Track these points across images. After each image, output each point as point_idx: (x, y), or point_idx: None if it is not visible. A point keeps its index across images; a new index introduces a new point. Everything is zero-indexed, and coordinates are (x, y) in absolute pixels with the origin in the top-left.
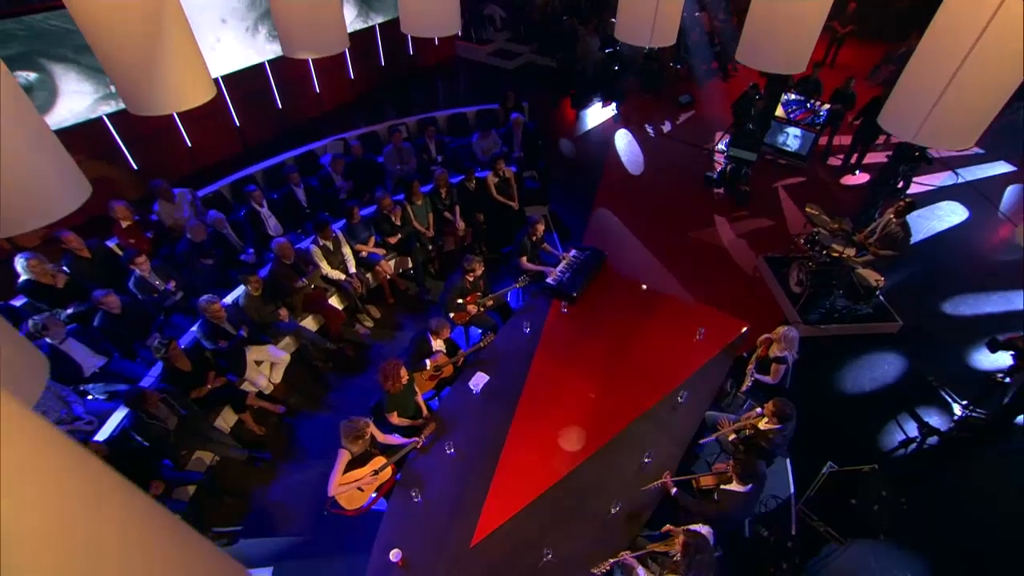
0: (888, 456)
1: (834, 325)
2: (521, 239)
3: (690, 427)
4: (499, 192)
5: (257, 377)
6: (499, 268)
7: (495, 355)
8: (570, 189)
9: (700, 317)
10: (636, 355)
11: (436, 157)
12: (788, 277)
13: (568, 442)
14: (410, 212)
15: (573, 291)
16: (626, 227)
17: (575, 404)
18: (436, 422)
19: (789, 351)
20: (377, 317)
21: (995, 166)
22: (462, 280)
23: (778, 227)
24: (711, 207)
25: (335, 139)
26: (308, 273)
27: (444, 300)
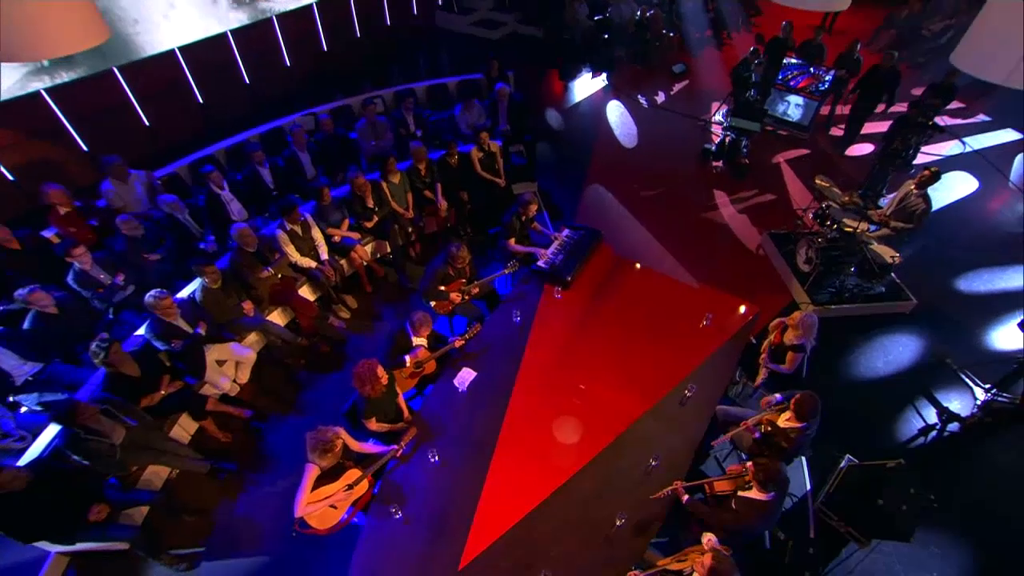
0: (906, 446)
1: (845, 305)
2: (509, 219)
3: (700, 424)
4: (484, 168)
5: (219, 379)
6: (485, 251)
7: (482, 348)
8: (560, 164)
9: (706, 301)
10: (638, 344)
11: (415, 131)
12: (795, 255)
13: (566, 445)
14: (386, 191)
15: (567, 275)
16: (621, 204)
17: (572, 401)
18: (418, 426)
19: (807, 338)
20: (354, 308)
21: (1002, 133)
22: (444, 267)
23: (781, 202)
24: (710, 181)
25: (304, 114)
26: (274, 262)
27: (425, 288)
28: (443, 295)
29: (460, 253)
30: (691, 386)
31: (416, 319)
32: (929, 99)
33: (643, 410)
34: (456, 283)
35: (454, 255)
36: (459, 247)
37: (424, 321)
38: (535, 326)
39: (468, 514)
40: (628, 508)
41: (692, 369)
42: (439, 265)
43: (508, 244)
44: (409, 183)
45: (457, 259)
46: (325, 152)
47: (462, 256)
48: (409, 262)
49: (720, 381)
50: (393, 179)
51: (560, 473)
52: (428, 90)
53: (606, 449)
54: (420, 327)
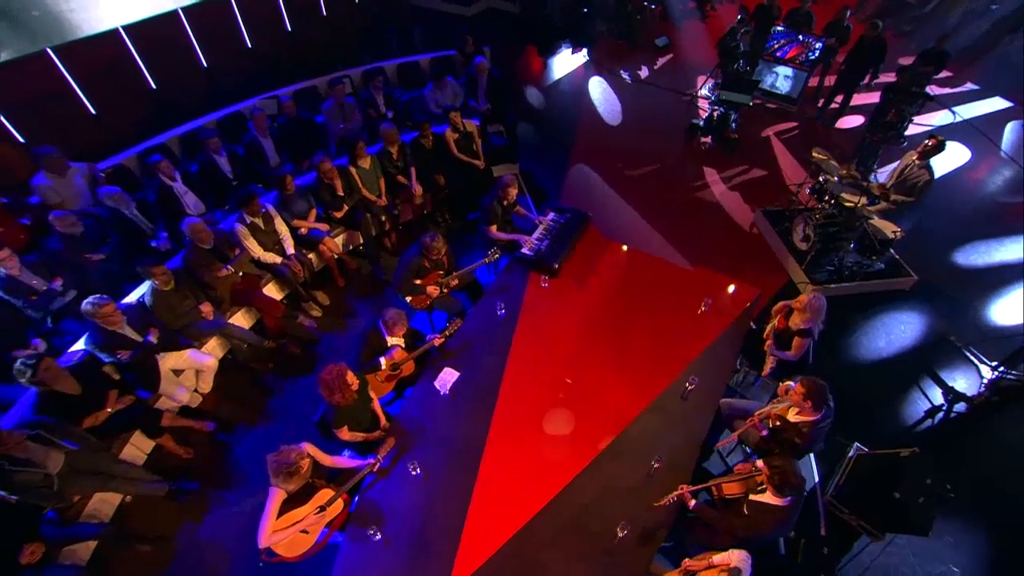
0: (913, 429)
1: (844, 284)
2: (489, 204)
3: (704, 419)
4: (461, 150)
5: (176, 390)
6: (465, 238)
7: (464, 345)
8: (542, 145)
9: (703, 284)
10: (634, 334)
11: (385, 112)
12: (791, 232)
13: (560, 449)
14: (356, 178)
15: (554, 261)
16: (607, 184)
17: (565, 400)
18: (396, 434)
19: (815, 322)
20: (326, 305)
21: (992, 102)
22: (419, 258)
23: (773, 177)
24: (699, 158)
25: (266, 97)
26: (234, 259)
27: (398, 282)
28: (419, 289)
29: (435, 243)
30: (692, 378)
31: (389, 318)
32: (921, 67)
33: (642, 407)
34: (433, 275)
35: (429, 245)
36: (434, 237)
37: (398, 319)
38: (521, 319)
39: (455, 532)
40: (630, 516)
41: (692, 359)
42: (413, 256)
43: (489, 231)
44: (381, 168)
45: (432, 249)
46: (289, 137)
47: (437, 246)
48: (384, 253)
49: (722, 371)
50: (363, 164)
51: (555, 481)
52: (399, 68)
53: (604, 452)
54: (394, 326)
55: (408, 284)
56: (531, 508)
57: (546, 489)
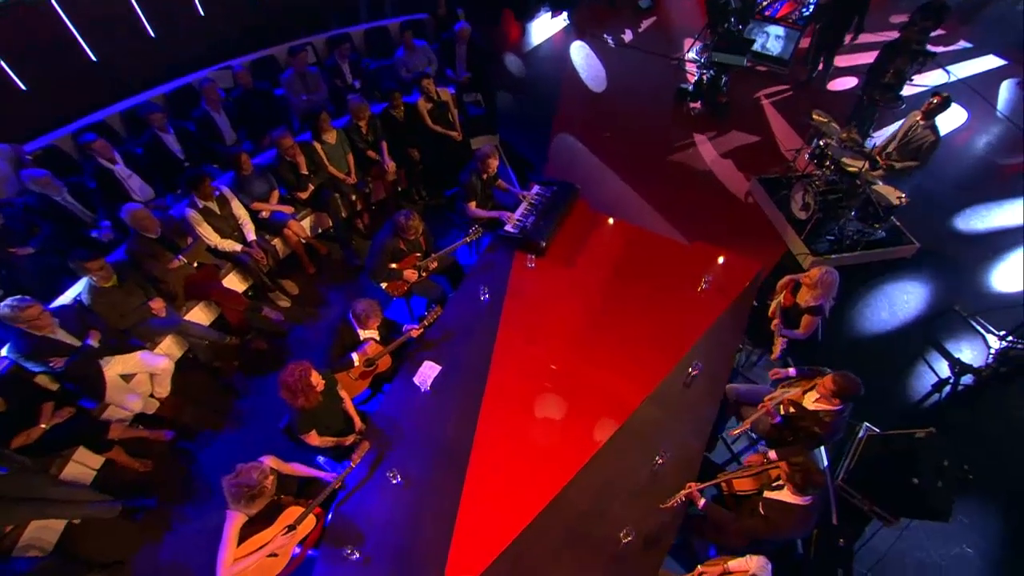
0: (920, 404)
1: (846, 254)
2: (468, 178)
3: (710, 408)
4: (435, 120)
5: (126, 398)
6: (444, 216)
7: (446, 335)
8: (522, 114)
9: (701, 258)
10: (629, 318)
11: (352, 82)
12: (790, 201)
13: (555, 448)
14: (321, 154)
15: (540, 239)
16: (593, 154)
17: (558, 394)
18: (372, 437)
19: (826, 298)
20: (294, 294)
21: (985, 60)
22: (393, 240)
23: (767, 143)
24: (689, 124)
25: (219, 68)
26: (187, 248)
27: (371, 268)
28: (395, 274)
29: (410, 222)
30: (695, 363)
31: (360, 309)
32: (921, 21)
33: (642, 397)
34: (409, 258)
35: (403, 225)
36: (408, 215)
37: (370, 310)
38: (507, 304)
39: (442, 546)
40: (635, 519)
41: (694, 342)
42: (387, 238)
43: (468, 208)
44: (349, 143)
45: (408, 229)
46: (246, 111)
47: (413, 225)
48: (356, 236)
49: (727, 354)
50: (328, 139)
51: (550, 484)
52: (366, 35)
53: (603, 448)
54: (367, 318)
55: (383, 269)
56: (525, 516)
57: (541, 494)
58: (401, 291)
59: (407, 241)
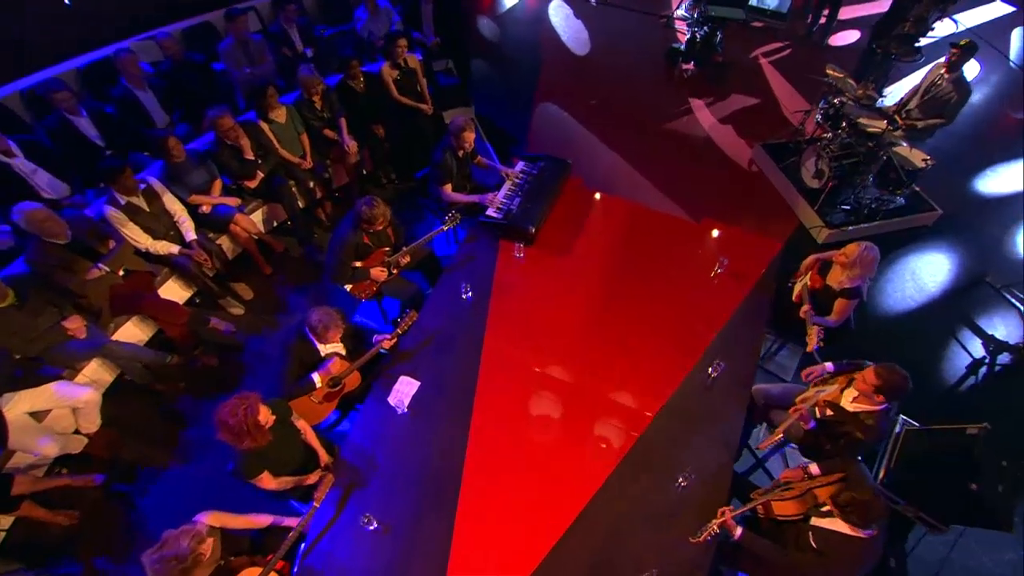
0: (956, 389)
1: (864, 224)
2: (441, 157)
3: (736, 414)
4: (402, 91)
5: (37, 441)
6: (416, 201)
7: (424, 342)
8: (499, 82)
9: (712, 240)
10: (637, 312)
11: (303, 51)
12: (800, 168)
13: (558, 477)
14: (269, 135)
15: (528, 224)
16: (581, 124)
17: (558, 408)
18: (343, 472)
19: (864, 279)
20: (249, 299)
21: (992, 7)
22: (356, 234)
23: (769, 105)
24: (683, 87)
25: (143, 38)
26: (109, 254)
27: (332, 267)
28: (360, 273)
29: (374, 211)
30: (716, 362)
31: (317, 321)
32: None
33: (657, 406)
34: (376, 254)
35: (367, 215)
36: (371, 203)
37: (328, 321)
38: (494, 302)
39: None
40: (658, 556)
41: (712, 337)
42: (347, 232)
43: (443, 191)
44: (301, 121)
45: (372, 220)
46: (179, 88)
47: (378, 215)
48: (318, 228)
49: (750, 349)
50: (277, 117)
51: (556, 521)
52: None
53: (615, 472)
54: (325, 330)
55: (345, 269)
56: (528, 562)
57: (545, 534)
58: (369, 292)
59: (372, 234)
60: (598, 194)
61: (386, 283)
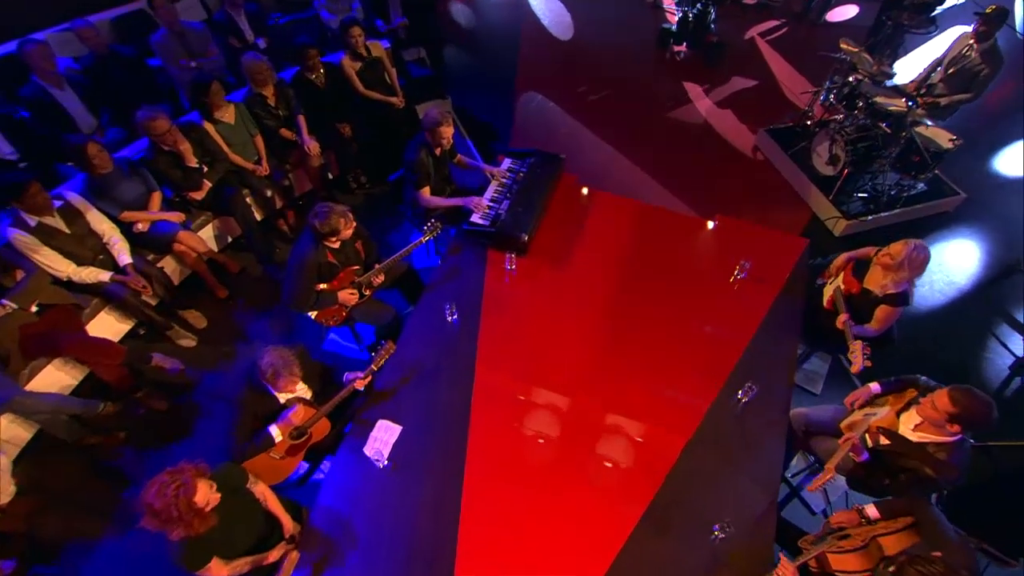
0: (1002, 393)
1: (883, 213)
2: (416, 157)
3: (773, 445)
4: (368, 84)
5: None
6: (390, 208)
7: (405, 379)
8: (478, 71)
9: (729, 238)
10: (649, 329)
11: (254, 41)
12: (811, 154)
13: (570, 536)
14: (216, 138)
15: (520, 232)
16: (569, 115)
17: (566, 453)
18: (313, 542)
19: (911, 282)
20: (202, 328)
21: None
22: (317, 252)
23: (769, 87)
24: (676, 71)
25: (60, 29)
26: (16, 287)
27: (291, 292)
28: (326, 298)
29: (331, 220)
30: (748, 386)
31: (268, 366)
32: None
33: (683, 441)
34: (344, 274)
35: (324, 228)
36: (325, 213)
37: (280, 365)
38: (484, 324)
39: None
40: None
41: (739, 354)
42: (306, 251)
43: (421, 196)
44: (253, 121)
45: (334, 231)
46: (105, 86)
47: (337, 224)
48: (280, 242)
49: (783, 366)
50: (224, 117)
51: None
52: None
53: (639, 525)
54: (276, 377)
55: (306, 293)
56: None
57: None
58: (338, 319)
59: (337, 250)
60: (596, 192)
61: (357, 307)
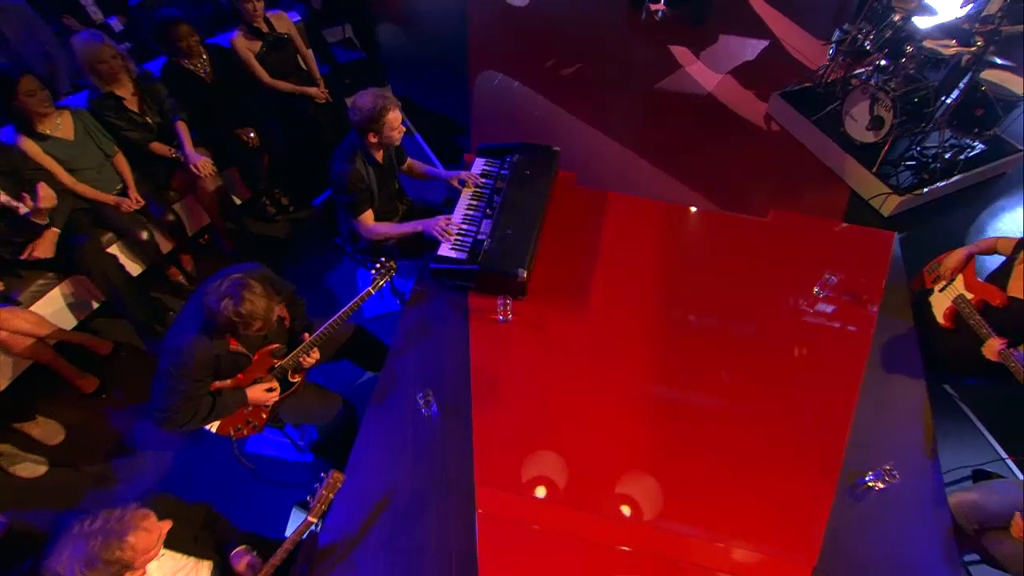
0: None
1: (939, 184)
2: (348, 167)
3: (938, 560)
4: (274, 71)
5: None
6: (321, 240)
7: (367, 523)
8: (419, 51)
9: (794, 240)
10: (712, 395)
11: (103, 21)
12: (843, 118)
13: None
14: (44, 162)
15: (516, 266)
16: (538, 95)
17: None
18: None
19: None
20: (56, 443)
21: None
22: (214, 342)
23: (769, 46)
24: (656, 33)
25: None
26: None
27: (163, 403)
28: (228, 403)
29: (245, 307)
30: (887, 470)
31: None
32: None
33: (797, 558)
34: (260, 356)
35: (230, 317)
36: (238, 292)
37: (102, 551)
38: (479, 416)
39: None
40: None
41: (852, 414)
42: (189, 342)
43: (361, 223)
44: (108, 134)
45: (246, 323)
46: None
47: (255, 311)
48: (174, 298)
49: (919, 425)
50: (55, 131)
51: None
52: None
53: None
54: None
55: (189, 404)
56: None
57: None
58: (256, 424)
59: (245, 335)
60: (607, 194)
61: (284, 403)
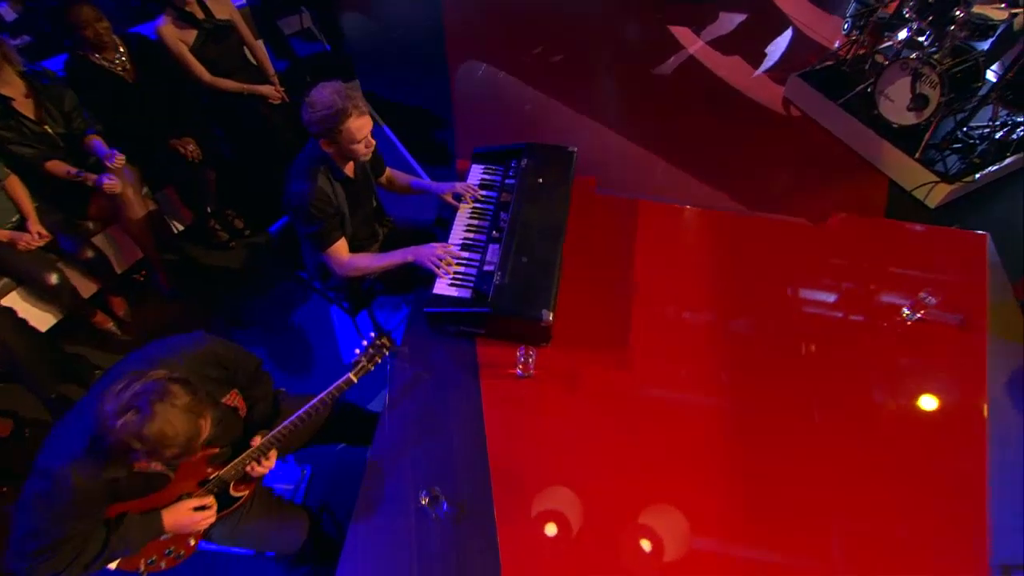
0: None
1: (992, 168)
2: (310, 187)
3: None
4: (214, 67)
5: None
6: (286, 271)
7: None
8: (390, 41)
9: (863, 247)
10: (803, 464)
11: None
12: (877, 99)
13: None
14: None
15: (540, 307)
16: (528, 86)
17: None
18: None
19: None
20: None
21: None
22: (103, 465)
23: (781, 24)
24: (653, 12)
25: None
26: None
27: (21, 549)
28: (136, 534)
29: (177, 426)
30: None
31: None
32: None
33: None
34: (189, 466)
35: (135, 430)
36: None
37: None
38: (500, 506)
39: None
40: None
41: (985, 477)
42: (59, 468)
43: (332, 259)
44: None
45: (146, 433)
46: None
47: (187, 427)
48: (95, 351)
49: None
50: None
51: None
52: None
53: None
54: None
55: (69, 543)
56: None
57: None
58: (181, 553)
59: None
60: (636, 202)
61: (223, 523)
